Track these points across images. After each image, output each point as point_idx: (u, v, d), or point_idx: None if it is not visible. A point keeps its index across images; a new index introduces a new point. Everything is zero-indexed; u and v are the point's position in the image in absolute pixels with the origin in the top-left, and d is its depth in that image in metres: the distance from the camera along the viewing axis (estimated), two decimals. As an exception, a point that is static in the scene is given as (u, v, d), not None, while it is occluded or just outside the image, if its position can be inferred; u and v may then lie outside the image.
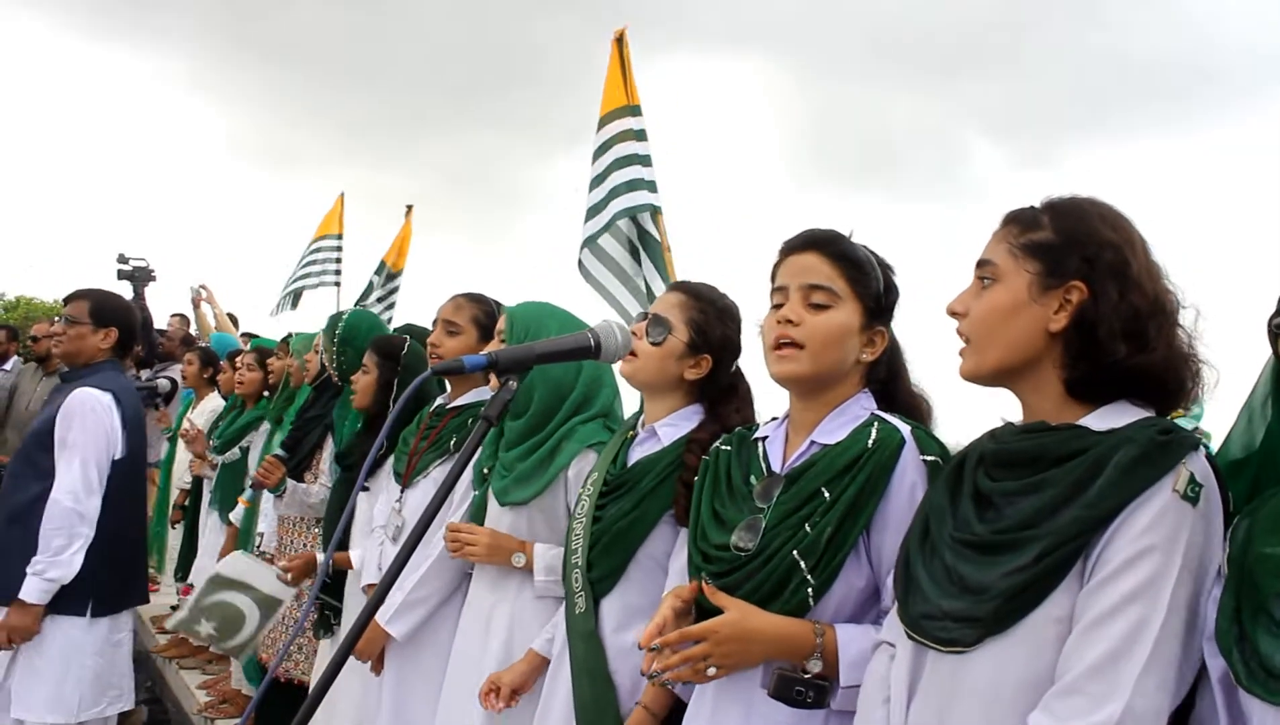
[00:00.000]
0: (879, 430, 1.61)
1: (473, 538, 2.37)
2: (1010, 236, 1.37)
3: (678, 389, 2.10)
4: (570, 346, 1.53)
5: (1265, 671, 1.09)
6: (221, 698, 4.81)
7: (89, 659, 3.15)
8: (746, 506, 1.66)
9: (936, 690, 1.31)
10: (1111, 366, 1.29)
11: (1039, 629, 1.23)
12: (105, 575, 3.15)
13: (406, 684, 2.68)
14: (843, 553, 1.54)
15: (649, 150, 4.28)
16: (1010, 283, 1.35)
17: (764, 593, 1.56)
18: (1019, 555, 1.25)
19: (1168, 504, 1.19)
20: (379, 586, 1.33)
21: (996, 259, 1.37)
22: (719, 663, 1.52)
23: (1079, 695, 1.17)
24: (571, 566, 2.08)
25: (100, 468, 3.13)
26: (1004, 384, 1.39)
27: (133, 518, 3.34)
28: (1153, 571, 1.18)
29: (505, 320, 2.47)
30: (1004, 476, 1.34)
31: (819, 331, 1.63)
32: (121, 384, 3.31)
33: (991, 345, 1.35)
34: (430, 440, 2.85)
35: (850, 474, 1.57)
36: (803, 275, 1.66)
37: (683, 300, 2.10)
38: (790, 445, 1.71)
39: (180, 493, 5.76)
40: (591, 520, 2.07)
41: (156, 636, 6.13)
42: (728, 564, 1.61)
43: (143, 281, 7.98)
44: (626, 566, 2.02)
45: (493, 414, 1.38)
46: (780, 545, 1.57)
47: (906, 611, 1.38)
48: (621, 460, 2.13)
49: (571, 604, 2.07)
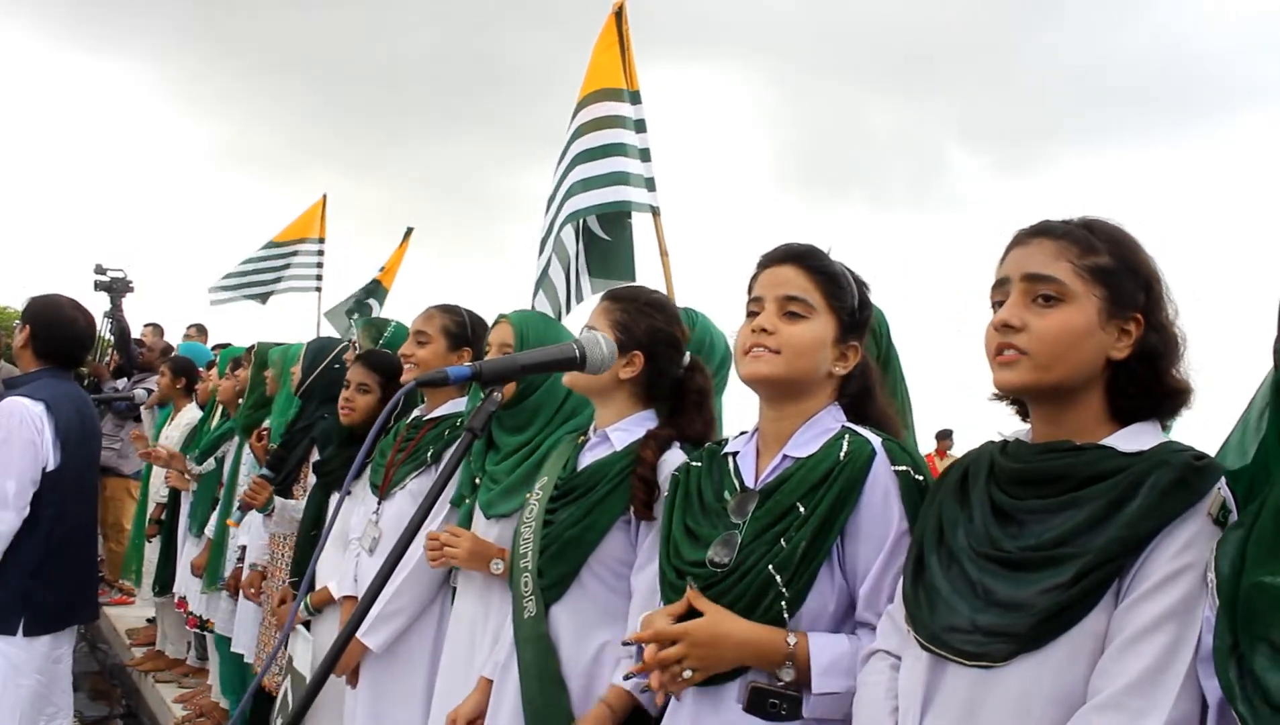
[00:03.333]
0: (850, 442, 1.62)
1: (454, 542, 2.37)
2: (1071, 256, 1.36)
3: (619, 390, 2.09)
4: (555, 357, 1.53)
5: (1270, 707, 1.08)
6: (199, 711, 4.75)
7: (26, 678, 3.03)
8: (721, 522, 1.67)
9: (958, 703, 1.31)
10: (1163, 395, 1.35)
11: (1073, 646, 1.24)
12: (41, 593, 3.02)
13: (383, 696, 2.67)
14: (815, 564, 1.56)
15: (648, 144, 3.85)
16: (1083, 306, 1.34)
17: (741, 607, 1.57)
18: (1056, 573, 1.26)
19: (1202, 526, 1.24)
20: (361, 602, 1.31)
21: (1062, 277, 1.35)
22: (694, 664, 1.55)
23: (1118, 710, 1.19)
24: (520, 570, 2.07)
25: (21, 481, 2.96)
26: (1046, 400, 1.38)
27: (76, 530, 3.18)
28: (1187, 590, 1.21)
29: (510, 331, 2.46)
30: (1029, 494, 1.35)
31: (793, 340, 1.65)
32: (58, 392, 3.12)
33: (1058, 364, 1.34)
34: (407, 452, 2.84)
35: (824, 487, 1.58)
36: (779, 287, 1.68)
37: (606, 306, 2.12)
38: (762, 460, 1.72)
39: (156, 506, 5.70)
40: (542, 524, 2.06)
41: (132, 650, 6.06)
42: (703, 580, 1.62)
43: (120, 292, 7.88)
44: (578, 573, 2.01)
45: (477, 426, 1.37)
46: (756, 560, 1.58)
47: (924, 624, 1.37)
48: (572, 465, 2.12)
49: (520, 608, 2.06)
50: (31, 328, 3.18)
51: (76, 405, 3.21)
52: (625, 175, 3.69)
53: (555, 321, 2.47)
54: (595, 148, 3.78)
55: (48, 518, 3.03)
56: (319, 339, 4.13)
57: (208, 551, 4.60)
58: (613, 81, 3.86)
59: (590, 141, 3.80)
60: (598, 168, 3.75)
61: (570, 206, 3.76)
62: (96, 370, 7.71)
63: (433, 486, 1.36)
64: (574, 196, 3.75)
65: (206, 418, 5.28)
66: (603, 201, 3.71)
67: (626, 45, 3.88)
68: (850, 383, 1.74)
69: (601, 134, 3.80)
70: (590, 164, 3.76)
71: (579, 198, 3.74)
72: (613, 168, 3.73)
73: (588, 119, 3.85)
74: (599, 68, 3.91)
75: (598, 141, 3.79)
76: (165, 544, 5.41)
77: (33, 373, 3.18)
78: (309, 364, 3.77)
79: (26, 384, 3.13)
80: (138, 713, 5.32)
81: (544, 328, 2.50)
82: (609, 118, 3.82)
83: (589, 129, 3.83)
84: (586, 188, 3.74)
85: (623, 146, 3.75)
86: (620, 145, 3.75)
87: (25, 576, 2.98)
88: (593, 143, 3.79)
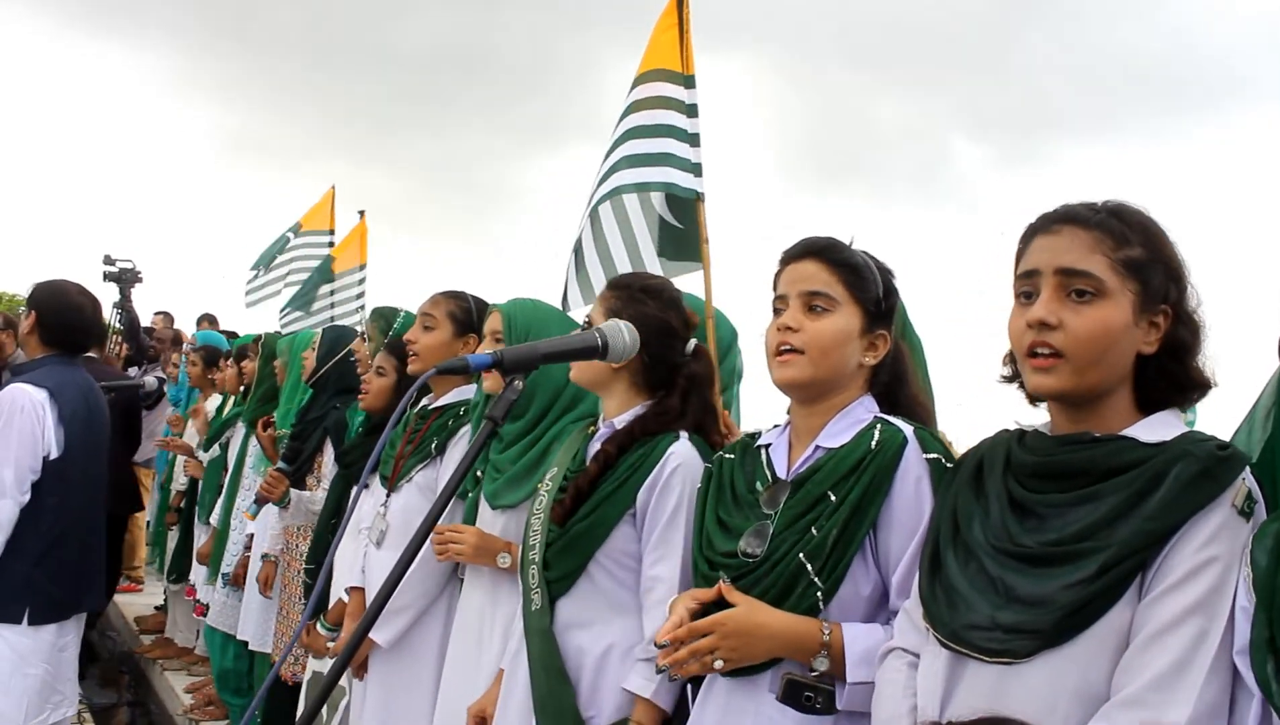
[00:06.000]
0: (881, 432, 1.61)
1: (459, 537, 2.36)
2: (1106, 249, 1.30)
3: (617, 380, 2.05)
4: (577, 346, 1.49)
5: None
6: (207, 700, 4.74)
7: (33, 668, 3.01)
8: (753, 513, 1.66)
9: (979, 700, 1.29)
10: (1189, 387, 1.33)
11: (1097, 641, 1.22)
12: (44, 582, 3.00)
13: (391, 690, 2.66)
14: (849, 555, 1.55)
15: (699, 129, 3.72)
16: (1119, 302, 1.30)
17: (772, 596, 1.57)
18: (1079, 568, 1.24)
19: (1227, 518, 1.21)
20: (375, 599, 1.29)
21: (1099, 273, 1.30)
22: (725, 655, 1.54)
23: (1142, 706, 1.17)
24: (528, 563, 2.06)
25: (20, 469, 2.93)
26: (1077, 400, 1.34)
27: (81, 519, 3.15)
28: (1213, 583, 1.19)
29: (501, 319, 2.44)
30: (1048, 488, 1.32)
31: (818, 337, 1.64)
32: (62, 378, 3.09)
33: (1096, 366, 1.30)
34: (414, 444, 2.82)
35: (855, 475, 1.58)
36: (801, 282, 1.67)
37: (604, 295, 2.10)
38: (794, 451, 1.71)
39: (176, 494, 5.73)
40: (548, 516, 2.04)
41: (140, 637, 6.06)
42: (735, 570, 1.61)
43: (129, 283, 7.91)
44: (585, 567, 1.99)
45: (498, 415, 1.35)
46: (788, 550, 1.58)
47: (944, 621, 1.35)
48: (581, 457, 2.10)
49: (528, 599, 2.05)
50: (38, 314, 3.15)
51: (83, 393, 3.16)
52: (672, 157, 3.61)
53: (546, 307, 2.44)
54: (647, 126, 3.69)
55: (51, 506, 3.00)
56: (335, 326, 4.10)
57: (212, 540, 4.60)
58: (670, 63, 3.79)
59: (642, 120, 3.72)
60: (647, 146, 3.67)
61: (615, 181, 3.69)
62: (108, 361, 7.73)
63: (450, 480, 1.34)
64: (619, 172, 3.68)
65: (222, 406, 5.31)
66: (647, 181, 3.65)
67: (686, 28, 3.81)
68: (882, 372, 1.72)
69: (654, 113, 3.72)
70: (639, 141, 3.69)
71: (624, 173, 3.68)
72: (662, 148, 3.64)
73: (641, 96, 3.78)
74: (658, 47, 3.85)
75: (651, 120, 3.70)
76: (184, 532, 5.42)
77: (39, 359, 3.15)
78: (325, 353, 3.75)
79: (32, 371, 3.10)
80: (145, 700, 5.30)
81: (533, 315, 2.46)
82: (663, 99, 3.73)
83: (641, 106, 3.75)
84: (633, 165, 3.67)
85: (673, 129, 3.66)
86: (671, 127, 3.66)
87: (29, 565, 2.96)
88: (645, 121, 3.70)
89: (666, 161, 3.55)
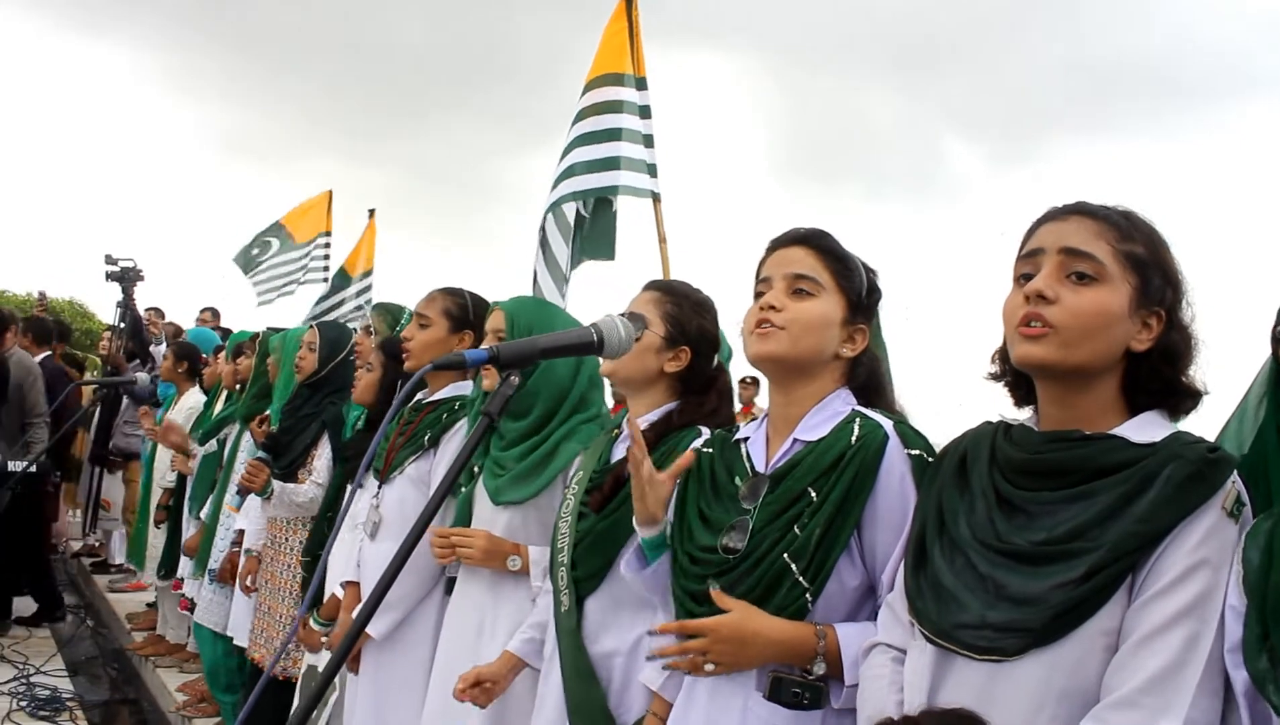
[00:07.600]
0: (861, 426, 1.60)
1: (468, 541, 2.35)
2: (1111, 239, 1.33)
3: (658, 383, 2.09)
4: (574, 341, 1.49)
5: None
6: (199, 697, 4.73)
7: None
8: (733, 507, 1.65)
9: (967, 696, 1.29)
10: (1179, 393, 1.34)
11: (1086, 641, 1.22)
12: None
13: (384, 683, 2.67)
14: (834, 554, 1.54)
15: (651, 130, 3.83)
16: (1117, 289, 1.31)
17: (756, 595, 1.56)
18: (1069, 568, 1.24)
19: (1217, 521, 1.22)
20: (372, 594, 1.29)
21: (1101, 257, 1.32)
22: (716, 660, 1.54)
23: (1135, 709, 1.17)
24: (558, 564, 2.07)
25: None
26: (1063, 381, 1.35)
27: None
28: (1204, 586, 1.19)
29: (503, 317, 2.44)
30: (1037, 485, 1.32)
31: (800, 315, 1.64)
32: None
33: (1084, 344, 1.31)
34: (407, 436, 2.82)
35: (836, 472, 1.57)
36: (788, 266, 1.68)
37: (657, 296, 2.11)
38: (772, 444, 1.71)
39: (164, 492, 5.69)
40: (576, 518, 2.06)
41: (132, 634, 6.04)
42: (716, 566, 1.60)
43: (131, 282, 7.88)
44: (612, 565, 1.99)
45: (494, 410, 1.35)
46: (770, 547, 1.56)
47: (931, 617, 1.35)
48: (605, 457, 2.12)
49: (558, 601, 2.07)
50: None
51: None
52: (618, 160, 3.69)
53: (551, 306, 2.45)
54: (596, 131, 3.78)
55: None
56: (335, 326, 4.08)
57: (200, 535, 4.57)
58: (619, 66, 3.86)
59: (591, 126, 3.80)
60: (595, 152, 3.75)
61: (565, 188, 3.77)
62: (114, 359, 7.72)
63: (446, 475, 1.34)
64: (570, 179, 3.76)
65: (211, 402, 5.27)
66: (596, 186, 3.73)
67: (636, 30, 3.88)
68: (859, 369, 1.72)
69: (602, 118, 3.80)
70: (589, 147, 3.77)
71: (575, 180, 3.75)
72: (608, 153, 3.72)
73: (590, 103, 3.85)
74: (607, 51, 3.91)
75: (599, 126, 3.79)
76: (172, 528, 5.40)
77: None
78: (327, 353, 3.74)
79: None
80: (138, 698, 5.29)
81: (537, 313, 2.47)
82: (611, 102, 3.81)
83: (590, 113, 3.82)
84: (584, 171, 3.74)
85: (620, 131, 3.74)
86: (618, 130, 3.75)
87: None
88: (594, 127, 3.79)
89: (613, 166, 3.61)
